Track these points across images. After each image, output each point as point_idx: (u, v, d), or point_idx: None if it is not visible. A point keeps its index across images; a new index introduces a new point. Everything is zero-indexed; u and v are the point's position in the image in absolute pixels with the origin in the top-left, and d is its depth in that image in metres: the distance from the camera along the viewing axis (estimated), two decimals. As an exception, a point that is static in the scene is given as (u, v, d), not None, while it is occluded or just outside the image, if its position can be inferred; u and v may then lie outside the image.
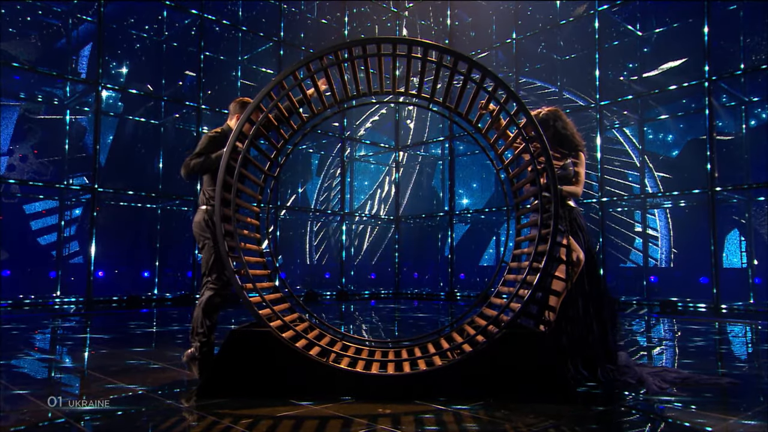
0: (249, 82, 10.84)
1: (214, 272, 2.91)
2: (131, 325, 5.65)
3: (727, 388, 2.76)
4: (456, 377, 2.49)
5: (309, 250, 12.04)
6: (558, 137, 2.99)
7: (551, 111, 3.04)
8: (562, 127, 3.00)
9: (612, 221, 10.01)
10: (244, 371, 2.52)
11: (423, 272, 12.39)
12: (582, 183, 2.92)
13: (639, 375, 2.82)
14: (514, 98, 2.63)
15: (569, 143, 2.98)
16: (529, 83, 10.82)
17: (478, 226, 12.08)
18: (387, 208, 12.69)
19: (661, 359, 3.78)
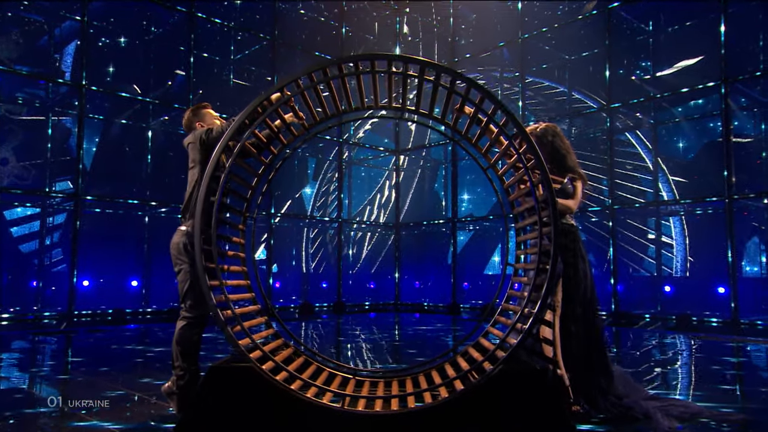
0: (242, 82, 10.84)
1: (188, 299, 2.84)
2: (113, 346, 5.57)
3: (744, 425, 2.68)
4: (449, 416, 2.45)
5: (305, 258, 12.03)
6: (554, 155, 3.00)
7: (549, 126, 3.05)
8: (559, 145, 3.01)
9: (624, 227, 9.97)
10: (226, 409, 2.48)
11: (424, 281, 12.40)
12: (578, 199, 2.92)
13: (645, 409, 2.76)
14: (514, 122, 2.63)
15: (565, 163, 2.99)
16: (536, 83, 10.80)
17: (482, 233, 12.08)
18: (387, 214, 12.70)
19: (674, 385, 3.71)
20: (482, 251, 12.09)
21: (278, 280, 11.14)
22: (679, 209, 9.38)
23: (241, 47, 10.74)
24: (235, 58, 10.77)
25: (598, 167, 9.96)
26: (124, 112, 9.85)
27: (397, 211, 11.66)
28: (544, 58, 10.57)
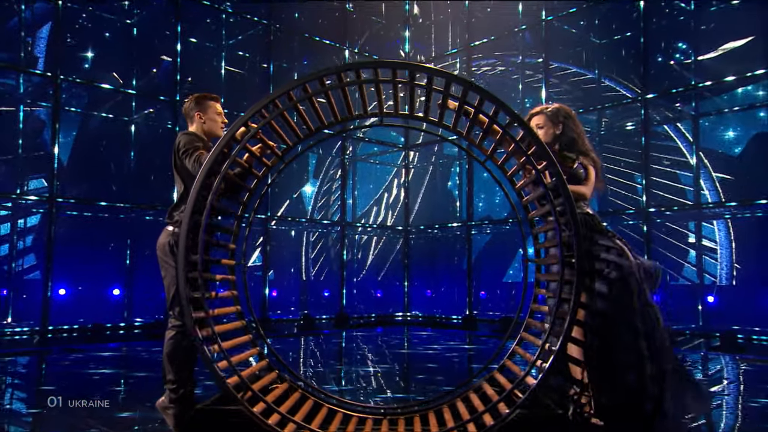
0: (235, 70, 10.79)
1: (177, 305, 2.79)
2: (90, 369, 5.48)
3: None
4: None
5: (305, 265, 12.03)
6: (566, 138, 3.06)
7: (561, 108, 3.11)
8: (571, 127, 3.07)
9: (660, 230, 9.85)
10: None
11: (436, 290, 12.35)
12: (592, 184, 2.97)
13: None
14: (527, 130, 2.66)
15: (575, 146, 3.05)
16: (561, 69, 10.70)
17: (501, 237, 11.97)
18: (395, 216, 12.71)
19: (719, 426, 3.57)
20: (501, 257, 12.00)
21: (275, 289, 11.16)
22: (723, 212, 9.20)
23: (234, 32, 10.69)
24: (227, 44, 10.70)
25: (631, 163, 9.86)
26: (105, 103, 9.81)
27: (407, 212, 11.61)
28: (570, 42, 10.45)
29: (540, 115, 3.11)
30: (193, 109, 3.03)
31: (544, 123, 3.09)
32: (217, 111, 3.06)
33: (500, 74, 11.50)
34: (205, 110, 3.03)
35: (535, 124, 3.09)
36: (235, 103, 10.28)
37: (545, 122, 3.08)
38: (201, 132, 3.02)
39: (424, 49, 12.08)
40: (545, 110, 3.10)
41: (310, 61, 11.68)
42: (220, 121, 3.04)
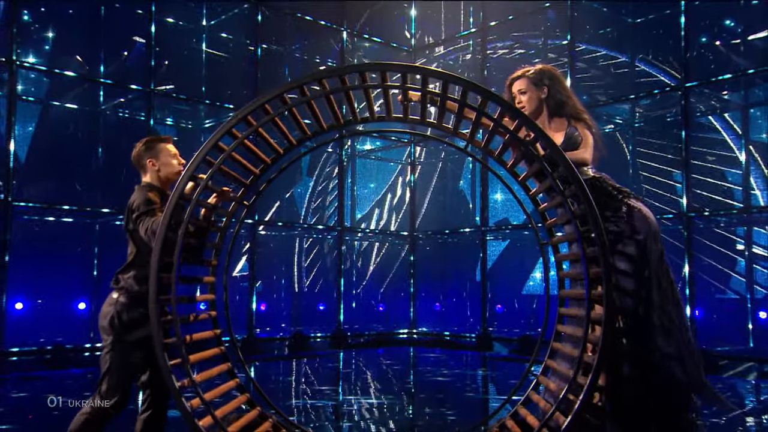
0: (218, 53, 10.68)
1: (106, 382, 2.78)
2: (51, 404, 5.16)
3: None
4: None
5: (297, 274, 11.91)
6: (553, 102, 3.11)
7: (544, 69, 3.15)
8: (558, 90, 3.12)
9: (703, 236, 9.65)
10: None
11: (447, 303, 12.23)
12: (590, 146, 3.00)
13: None
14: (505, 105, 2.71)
15: (564, 109, 3.11)
16: (589, 51, 10.49)
17: (520, 243, 11.76)
18: (399, 219, 12.57)
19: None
20: (519, 265, 11.77)
21: (263, 302, 11.03)
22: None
23: (216, 10, 10.54)
24: (208, 25, 10.57)
25: (669, 159, 9.64)
26: (68, 92, 9.64)
27: (413, 215, 11.53)
28: (599, 21, 10.27)
29: (521, 79, 3.14)
30: (143, 157, 3.03)
31: (526, 88, 3.12)
32: (170, 153, 3.06)
33: (519, 58, 11.29)
34: (157, 155, 3.03)
35: (517, 90, 3.13)
36: (217, 92, 10.13)
37: (528, 87, 3.12)
38: (157, 181, 3.03)
39: (433, 29, 11.96)
40: (526, 73, 3.13)
41: (303, 45, 11.57)
42: (176, 163, 3.04)
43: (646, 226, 2.84)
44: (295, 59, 11.55)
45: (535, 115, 3.14)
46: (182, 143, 10.65)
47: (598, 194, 2.84)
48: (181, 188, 2.69)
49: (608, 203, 2.90)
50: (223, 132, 2.74)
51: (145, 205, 2.87)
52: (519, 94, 3.14)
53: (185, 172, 2.73)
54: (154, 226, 2.78)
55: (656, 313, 2.81)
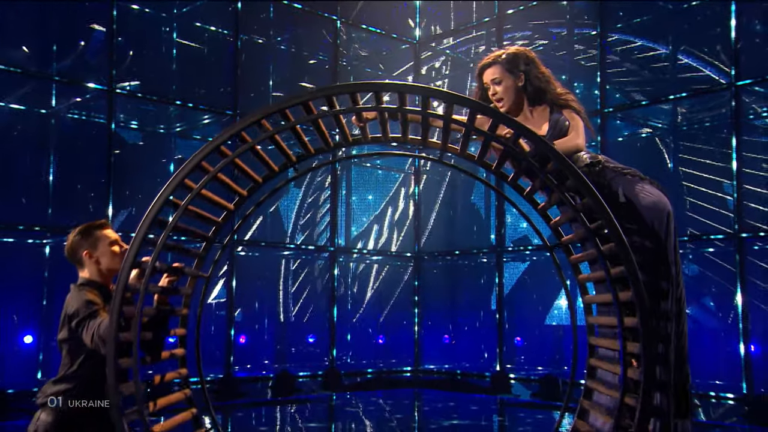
0: (192, 44, 10.52)
1: None
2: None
3: None
4: None
5: (283, 301, 11.64)
6: (532, 89, 3.18)
7: (519, 52, 3.20)
8: (536, 75, 3.18)
9: (759, 258, 9.36)
10: None
11: (457, 334, 11.99)
12: (581, 130, 3.08)
13: None
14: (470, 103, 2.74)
15: (545, 95, 3.18)
16: (624, 42, 10.26)
17: (541, 264, 11.45)
18: (401, 237, 12.31)
19: None
20: (542, 290, 11.52)
21: (243, 333, 10.77)
22: None
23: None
24: (180, 12, 10.38)
25: (718, 168, 9.42)
26: (13, 90, 9.31)
27: (417, 233, 11.46)
28: (635, 8, 10.11)
29: (494, 66, 3.18)
30: (78, 250, 3.03)
31: (501, 76, 3.17)
32: (109, 240, 3.07)
33: (541, 50, 11.11)
34: (94, 245, 3.04)
35: (490, 79, 3.18)
36: (190, 91, 9.97)
37: (502, 74, 3.16)
38: (97, 275, 3.03)
39: (441, 19, 11.87)
40: (499, 59, 3.18)
41: (290, 36, 11.40)
42: (118, 250, 3.05)
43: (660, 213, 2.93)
44: (281, 52, 11.43)
45: (515, 106, 3.19)
46: (150, 151, 10.67)
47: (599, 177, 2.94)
48: (125, 280, 2.65)
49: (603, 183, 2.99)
50: (179, 180, 2.70)
51: (85, 308, 2.85)
52: (493, 84, 3.18)
53: (126, 258, 2.66)
54: (101, 330, 2.76)
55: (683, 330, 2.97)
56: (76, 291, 2.95)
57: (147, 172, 9.90)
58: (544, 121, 3.15)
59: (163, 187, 2.73)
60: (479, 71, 3.25)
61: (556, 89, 3.19)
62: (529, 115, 3.20)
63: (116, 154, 8.87)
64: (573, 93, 3.23)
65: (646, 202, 2.95)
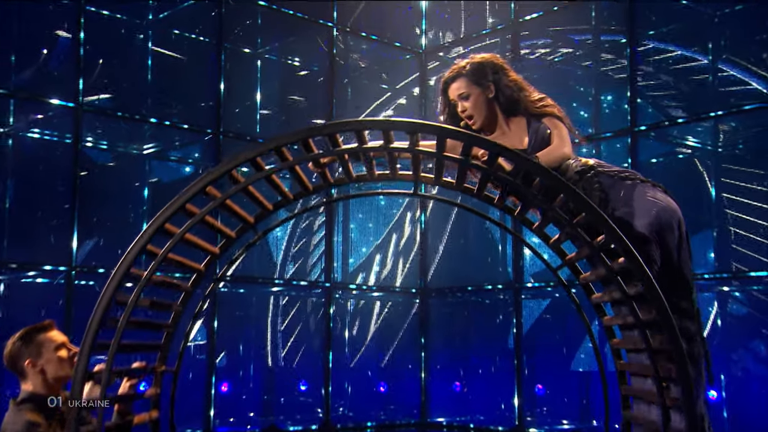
0: (171, 54, 10.43)
1: None
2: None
3: None
4: None
5: (271, 344, 11.42)
6: (505, 100, 3.20)
7: (486, 60, 3.23)
8: (507, 84, 3.19)
9: None
10: None
11: (469, 381, 11.70)
12: (565, 136, 3.09)
13: None
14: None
15: (519, 105, 3.19)
16: (657, 51, 10.15)
17: (565, 301, 11.11)
18: (406, 270, 12.12)
19: None
20: (566, 331, 11.26)
21: (226, 381, 10.48)
22: None
23: (167, 1, 10.36)
24: (156, 18, 10.32)
25: (765, 192, 9.27)
26: None
27: (424, 265, 11.30)
28: (670, 13, 10.05)
29: (459, 79, 3.19)
30: (18, 360, 3.01)
31: (467, 89, 3.18)
32: (55, 344, 3.06)
33: (564, 58, 11.18)
34: (37, 352, 3.02)
35: (457, 94, 3.19)
36: (167, 106, 9.93)
37: (469, 88, 3.18)
38: (42, 387, 3.00)
39: (450, 24, 11.84)
40: (463, 70, 3.19)
41: (280, 44, 11.37)
42: (66, 355, 3.05)
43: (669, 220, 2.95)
44: (270, 63, 11.38)
45: (488, 121, 3.20)
46: (121, 174, 10.35)
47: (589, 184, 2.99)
48: (77, 397, 2.56)
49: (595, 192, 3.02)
50: (151, 234, 2.72)
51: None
52: (460, 99, 3.19)
53: (76, 371, 2.53)
54: None
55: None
56: (14, 410, 2.92)
57: (117, 197, 9.73)
58: (524, 133, 3.18)
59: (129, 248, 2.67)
60: (443, 87, 3.25)
61: (531, 96, 3.20)
62: (506, 128, 3.22)
63: (83, 177, 8.71)
64: (550, 98, 3.24)
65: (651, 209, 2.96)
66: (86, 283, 9.09)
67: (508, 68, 3.25)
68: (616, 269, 2.64)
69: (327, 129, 2.71)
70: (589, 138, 10.10)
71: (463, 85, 3.18)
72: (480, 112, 3.17)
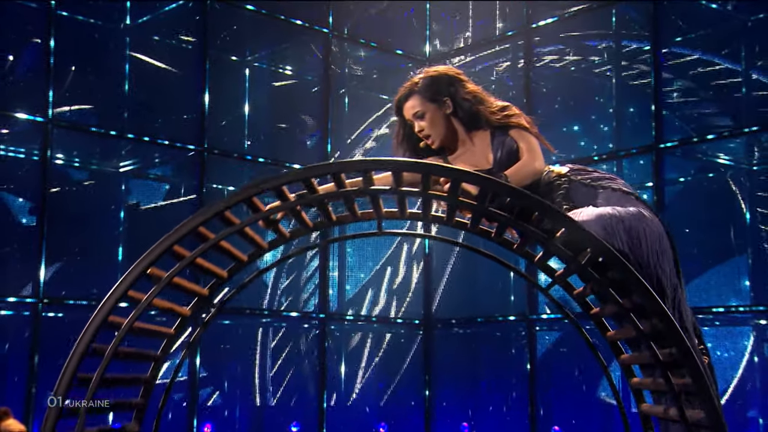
0: (147, 60, 10.31)
1: None
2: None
3: None
4: None
5: (260, 381, 11.29)
6: (464, 114, 3.21)
7: (438, 73, 3.23)
8: (465, 97, 3.20)
9: None
10: None
11: (479, 421, 11.62)
12: (535, 148, 3.09)
13: None
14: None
15: (479, 118, 3.20)
16: (682, 56, 10.13)
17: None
18: (408, 299, 12.06)
19: None
20: (584, 365, 10.98)
21: (209, 422, 10.41)
22: None
23: (146, 4, 10.34)
24: (134, 23, 10.30)
25: None
26: None
27: (428, 294, 11.29)
28: (697, 18, 10.01)
29: (412, 98, 3.23)
30: None
31: (422, 107, 3.22)
32: None
33: (583, 66, 11.13)
34: None
35: (412, 114, 3.24)
36: (145, 120, 9.83)
37: (423, 106, 3.22)
38: None
39: (456, 31, 11.84)
40: (415, 87, 3.23)
41: (271, 51, 11.33)
42: None
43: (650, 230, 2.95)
44: (259, 72, 11.37)
45: (449, 139, 3.21)
46: (95, 194, 10.17)
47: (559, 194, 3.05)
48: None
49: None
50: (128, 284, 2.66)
51: None
52: (415, 118, 3.19)
53: None
54: None
55: None
56: None
57: (90, 219, 9.64)
58: (487, 149, 3.20)
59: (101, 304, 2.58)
60: (396, 107, 3.26)
61: (491, 108, 3.20)
62: (469, 144, 3.23)
63: (52, 196, 8.66)
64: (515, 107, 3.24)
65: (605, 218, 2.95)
66: (54, 315, 8.93)
67: (465, 79, 3.26)
68: (628, 307, 2.61)
69: (302, 174, 2.72)
70: (608, 155, 9.97)
71: (417, 104, 3.21)
72: (438, 131, 3.20)
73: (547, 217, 2.63)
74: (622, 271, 2.57)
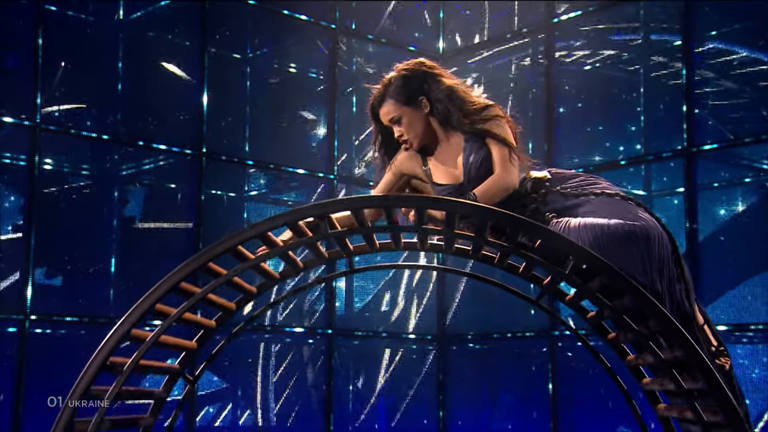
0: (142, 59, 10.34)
1: None
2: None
3: None
4: None
5: (262, 398, 11.31)
6: (440, 113, 3.20)
7: (410, 70, 3.22)
8: (437, 97, 3.19)
9: None
10: None
11: None
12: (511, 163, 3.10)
13: None
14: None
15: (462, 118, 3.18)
16: (717, 52, 10.08)
17: (606, 349, 10.79)
18: (421, 312, 12.08)
19: None
20: (609, 383, 10.68)
21: None
22: None
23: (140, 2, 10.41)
24: (128, 19, 10.30)
25: None
26: None
27: (441, 307, 11.41)
28: (732, 12, 9.97)
29: (386, 103, 3.21)
30: None
31: (398, 112, 3.20)
32: None
33: (609, 62, 11.07)
34: None
35: (388, 119, 3.22)
36: (140, 122, 9.86)
37: (399, 110, 3.20)
38: None
39: (471, 26, 11.84)
40: (388, 89, 3.21)
41: (274, 49, 11.38)
42: None
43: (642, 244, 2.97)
44: (261, 70, 11.39)
45: (428, 140, 3.22)
46: (86, 202, 10.14)
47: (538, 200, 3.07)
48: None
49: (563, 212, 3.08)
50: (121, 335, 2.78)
51: None
52: (392, 124, 3.21)
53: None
54: None
55: None
56: None
57: (81, 229, 9.65)
58: (458, 151, 3.22)
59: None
60: (371, 112, 3.29)
61: (469, 108, 3.17)
62: (446, 144, 3.25)
63: (40, 204, 8.72)
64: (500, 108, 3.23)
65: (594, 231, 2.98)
66: (42, 332, 8.97)
67: (440, 72, 3.24)
68: (645, 334, 2.67)
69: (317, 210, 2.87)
70: (636, 158, 9.94)
71: (392, 109, 3.21)
72: (416, 134, 3.22)
73: (523, 231, 2.68)
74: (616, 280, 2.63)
